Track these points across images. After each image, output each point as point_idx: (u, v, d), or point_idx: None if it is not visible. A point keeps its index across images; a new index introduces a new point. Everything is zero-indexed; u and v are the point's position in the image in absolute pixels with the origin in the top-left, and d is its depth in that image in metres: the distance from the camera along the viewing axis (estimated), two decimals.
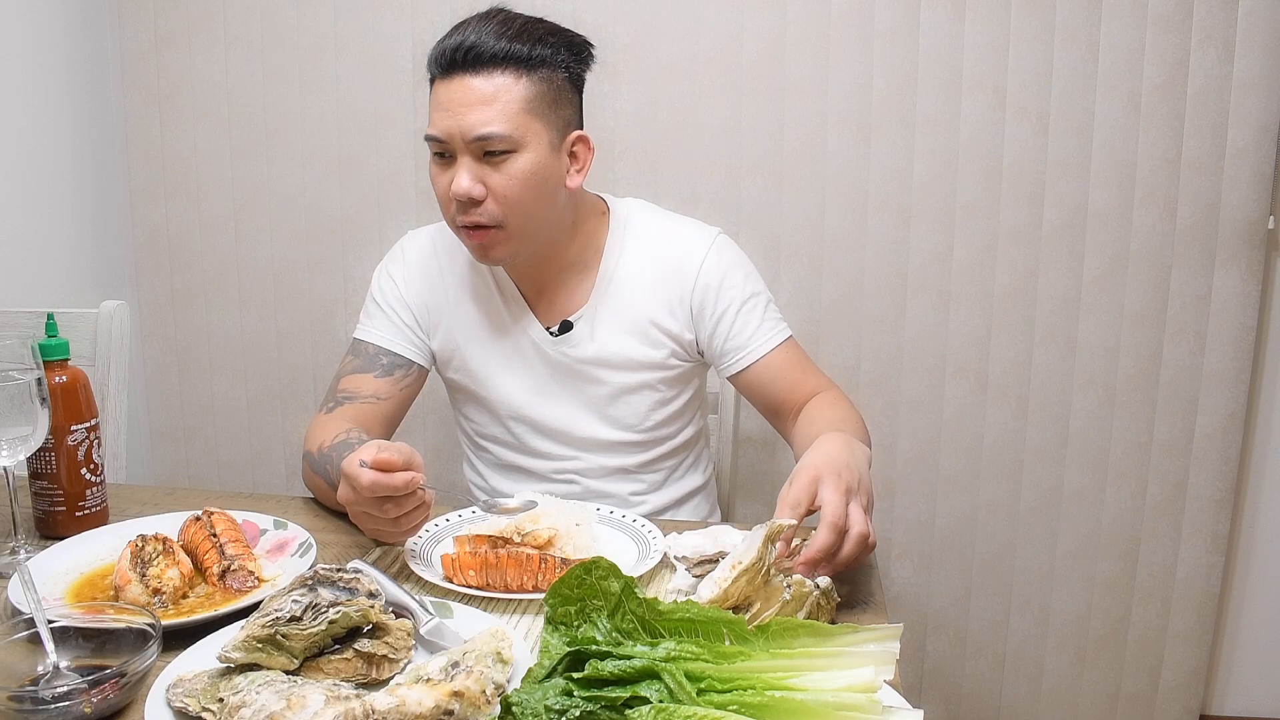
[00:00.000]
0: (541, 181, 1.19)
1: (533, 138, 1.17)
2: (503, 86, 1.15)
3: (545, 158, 1.19)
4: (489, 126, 1.14)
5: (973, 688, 2.03)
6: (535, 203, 1.20)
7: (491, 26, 1.15)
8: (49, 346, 1.11)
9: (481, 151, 1.16)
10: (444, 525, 1.13)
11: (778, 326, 1.32)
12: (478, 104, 1.14)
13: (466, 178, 1.15)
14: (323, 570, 0.89)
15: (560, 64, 1.19)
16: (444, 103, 1.16)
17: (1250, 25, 1.71)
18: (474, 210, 1.17)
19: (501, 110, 1.14)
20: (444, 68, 1.16)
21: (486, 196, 1.17)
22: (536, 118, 1.17)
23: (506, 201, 1.17)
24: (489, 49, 1.14)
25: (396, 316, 1.34)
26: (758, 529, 0.90)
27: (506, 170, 1.16)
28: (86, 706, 0.75)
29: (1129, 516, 1.91)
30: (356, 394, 1.29)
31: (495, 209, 1.17)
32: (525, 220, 1.20)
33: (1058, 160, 1.81)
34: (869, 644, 0.74)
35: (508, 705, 0.69)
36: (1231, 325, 1.82)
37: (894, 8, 1.79)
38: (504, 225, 1.19)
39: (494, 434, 1.38)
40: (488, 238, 1.19)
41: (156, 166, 2.03)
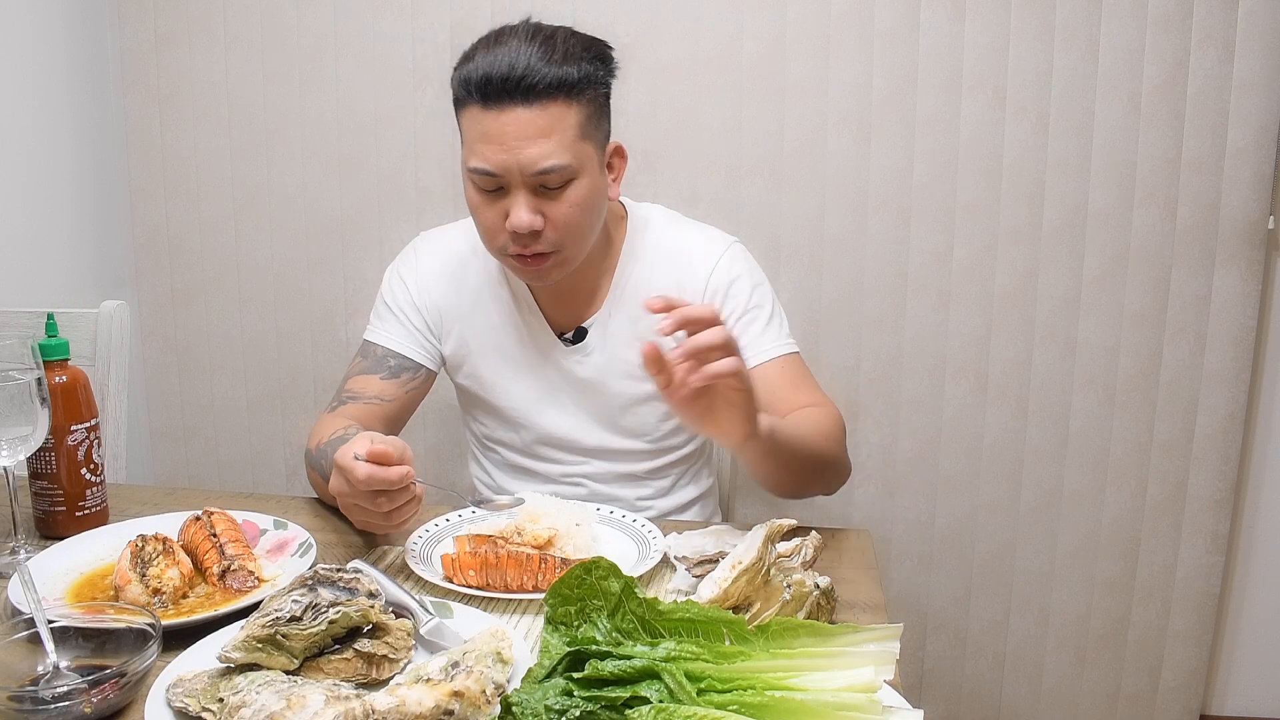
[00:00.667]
0: (596, 203, 1.18)
1: (587, 162, 1.15)
2: (558, 116, 1.10)
3: (597, 179, 1.17)
4: (550, 160, 1.10)
5: (973, 688, 2.03)
6: (591, 225, 1.19)
7: (535, 50, 1.09)
8: (49, 346, 1.11)
9: (539, 184, 1.12)
10: (444, 525, 1.13)
11: (779, 341, 1.28)
12: (536, 137, 1.09)
13: (526, 213, 1.12)
14: (323, 570, 0.89)
15: (600, 80, 1.16)
16: (495, 135, 1.10)
17: (1250, 25, 1.71)
18: (531, 241, 1.14)
19: (559, 141, 1.10)
20: (488, 96, 1.10)
21: (545, 227, 1.14)
22: (588, 141, 1.15)
23: (567, 229, 1.15)
24: (541, 78, 1.08)
25: (406, 319, 1.32)
26: (757, 529, 0.90)
27: (565, 199, 1.14)
28: (86, 706, 0.75)
29: (1129, 516, 1.91)
30: (361, 395, 1.29)
31: (553, 236, 1.15)
32: (580, 243, 1.19)
33: (1058, 160, 1.81)
34: (869, 644, 0.74)
35: (508, 705, 0.69)
36: (1231, 325, 1.82)
37: (894, 8, 1.79)
38: (560, 250, 1.17)
39: (503, 438, 1.38)
40: (543, 262, 1.17)
41: (156, 166, 2.03)
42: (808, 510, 1.96)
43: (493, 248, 1.20)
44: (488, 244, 1.20)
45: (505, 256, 1.19)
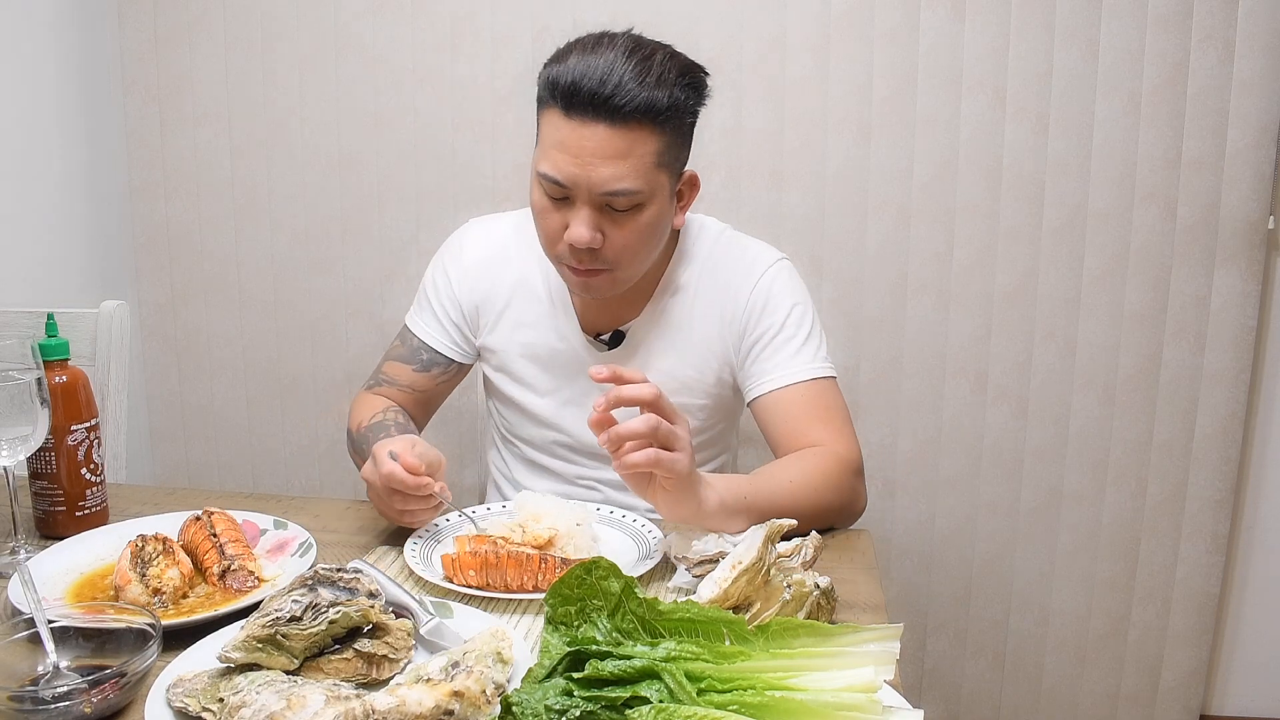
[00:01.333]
0: (659, 231, 1.17)
1: (659, 190, 1.13)
2: (638, 140, 1.08)
3: (664, 207, 1.16)
4: (622, 183, 1.08)
5: (973, 688, 2.03)
6: (650, 251, 1.19)
7: (630, 68, 1.07)
8: (49, 346, 1.11)
9: (605, 203, 1.11)
10: (445, 525, 1.13)
11: (811, 365, 1.24)
12: (613, 157, 1.07)
13: (586, 229, 1.10)
14: (323, 570, 0.89)
15: (689, 109, 1.14)
16: (570, 145, 1.08)
17: (1250, 25, 1.71)
18: (588, 257, 1.13)
19: (635, 166, 1.08)
20: (572, 106, 1.07)
21: (604, 244, 1.13)
22: (664, 170, 1.13)
23: (625, 251, 1.14)
24: (630, 98, 1.05)
25: (444, 313, 1.34)
26: (757, 529, 0.90)
27: (629, 224, 1.12)
28: (86, 706, 0.75)
29: (1129, 516, 1.91)
30: (395, 381, 1.35)
31: (610, 256, 1.14)
32: (637, 266, 1.18)
33: (1058, 160, 1.81)
34: (869, 644, 0.74)
35: (508, 705, 0.69)
36: (1231, 325, 1.82)
37: (894, 8, 1.79)
38: (615, 270, 1.16)
39: (525, 435, 1.38)
40: (596, 277, 1.16)
41: (156, 166, 2.03)
42: None
43: (550, 253, 1.19)
44: (546, 248, 1.19)
45: (561, 264, 1.19)
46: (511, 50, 1.88)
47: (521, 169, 1.89)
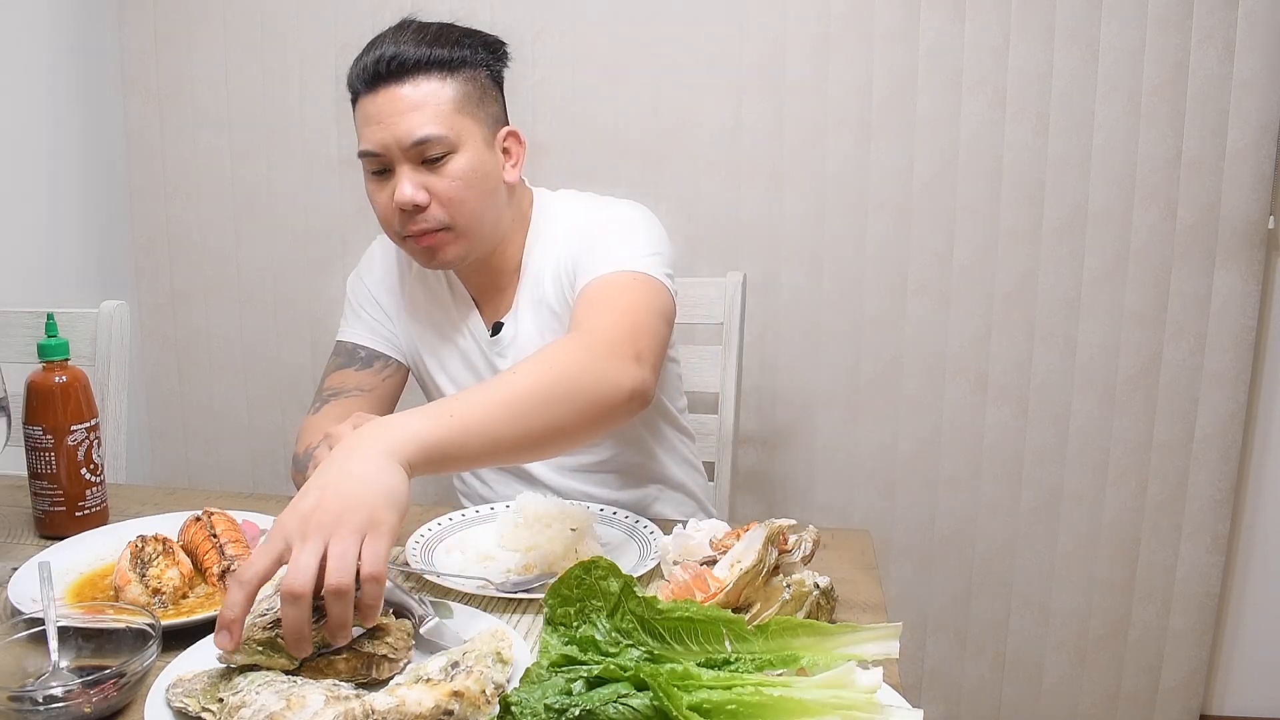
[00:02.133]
0: (482, 179, 1.20)
1: (467, 136, 1.18)
2: (430, 91, 1.16)
3: (482, 155, 1.20)
4: (424, 129, 1.15)
5: (973, 688, 2.03)
6: (479, 200, 1.20)
7: (408, 36, 1.17)
8: (49, 346, 1.11)
9: (420, 158, 1.16)
10: (445, 525, 1.13)
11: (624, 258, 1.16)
12: (409, 110, 1.15)
13: (409, 185, 1.16)
14: None
15: (480, 63, 1.21)
16: (374, 116, 1.16)
17: (1250, 25, 1.71)
18: (419, 218, 1.18)
19: (434, 113, 1.15)
20: (367, 82, 1.16)
21: (430, 202, 1.17)
22: (467, 116, 1.18)
23: (452, 203, 1.18)
24: (411, 56, 1.15)
25: (368, 314, 1.37)
26: (758, 529, 0.90)
27: (447, 172, 1.17)
28: (86, 706, 0.74)
29: (1129, 516, 1.91)
30: (341, 389, 1.32)
31: (440, 212, 1.18)
32: (471, 219, 1.20)
33: (1058, 160, 1.81)
34: (868, 644, 0.74)
35: (507, 705, 0.69)
36: (1231, 325, 1.82)
37: (894, 8, 1.79)
38: (451, 227, 1.19)
39: None
40: (435, 240, 1.19)
41: (156, 166, 2.03)
42: (807, 510, 1.96)
43: (392, 235, 1.23)
44: (387, 232, 1.24)
45: (405, 243, 1.22)
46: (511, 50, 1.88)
47: None
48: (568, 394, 0.97)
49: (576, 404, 0.98)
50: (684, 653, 0.77)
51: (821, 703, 0.67)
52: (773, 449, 1.97)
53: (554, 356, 1.00)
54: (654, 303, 1.14)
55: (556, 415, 0.96)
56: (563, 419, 0.96)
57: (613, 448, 1.35)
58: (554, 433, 0.96)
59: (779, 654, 0.75)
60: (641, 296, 1.14)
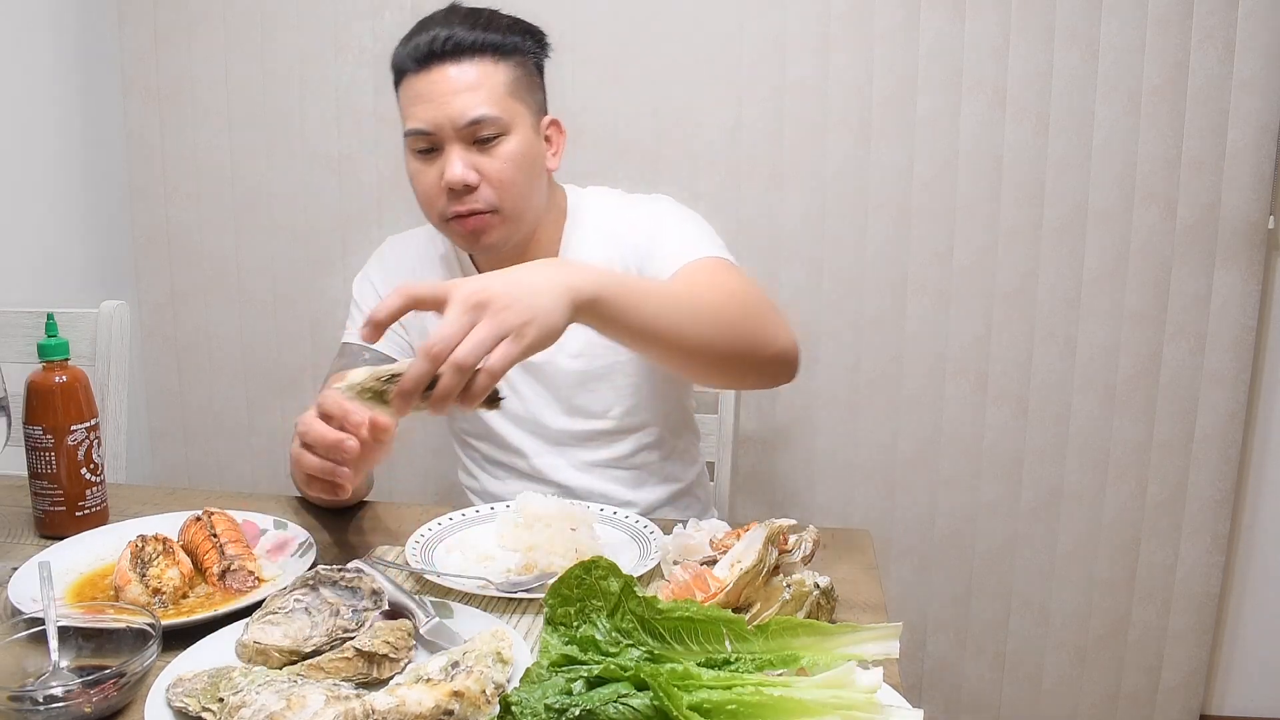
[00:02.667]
0: (530, 163, 1.21)
1: (519, 120, 1.19)
2: (485, 73, 1.17)
3: (530, 139, 1.21)
4: (479, 109, 1.15)
5: (973, 688, 2.03)
6: (526, 184, 1.21)
7: (458, 20, 1.18)
8: (49, 346, 1.11)
9: (472, 138, 1.17)
10: (446, 524, 1.13)
11: (703, 246, 1.21)
12: (464, 90, 1.15)
13: (459, 164, 1.16)
14: (324, 571, 0.89)
15: (528, 51, 1.22)
16: (425, 94, 1.17)
17: (1250, 25, 1.71)
18: (468, 198, 1.18)
19: (488, 94, 1.16)
20: (420, 60, 1.17)
21: (480, 183, 1.18)
22: (518, 100, 1.20)
23: (502, 185, 1.18)
24: (466, 38, 1.16)
25: None
26: (758, 529, 0.90)
27: (498, 154, 1.18)
28: (86, 706, 0.74)
29: (1129, 516, 1.91)
30: None
31: (490, 194, 1.18)
32: (518, 202, 1.21)
33: (1058, 160, 1.81)
34: (869, 644, 0.74)
35: (507, 704, 0.69)
36: (1231, 325, 1.82)
37: (894, 8, 1.79)
38: (499, 209, 1.20)
39: (476, 430, 1.38)
40: (482, 222, 1.20)
41: (156, 166, 2.03)
42: (806, 510, 1.96)
43: (434, 216, 1.23)
44: (429, 213, 1.24)
45: (447, 224, 1.22)
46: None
47: None
48: (742, 322, 1.05)
49: (746, 336, 1.05)
50: (684, 653, 0.77)
51: (821, 703, 0.67)
52: (773, 449, 1.97)
53: (734, 288, 1.08)
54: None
55: (725, 335, 1.03)
56: (728, 342, 1.03)
57: (634, 444, 1.35)
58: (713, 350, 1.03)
59: (779, 654, 0.75)
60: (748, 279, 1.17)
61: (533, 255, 1.29)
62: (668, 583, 0.91)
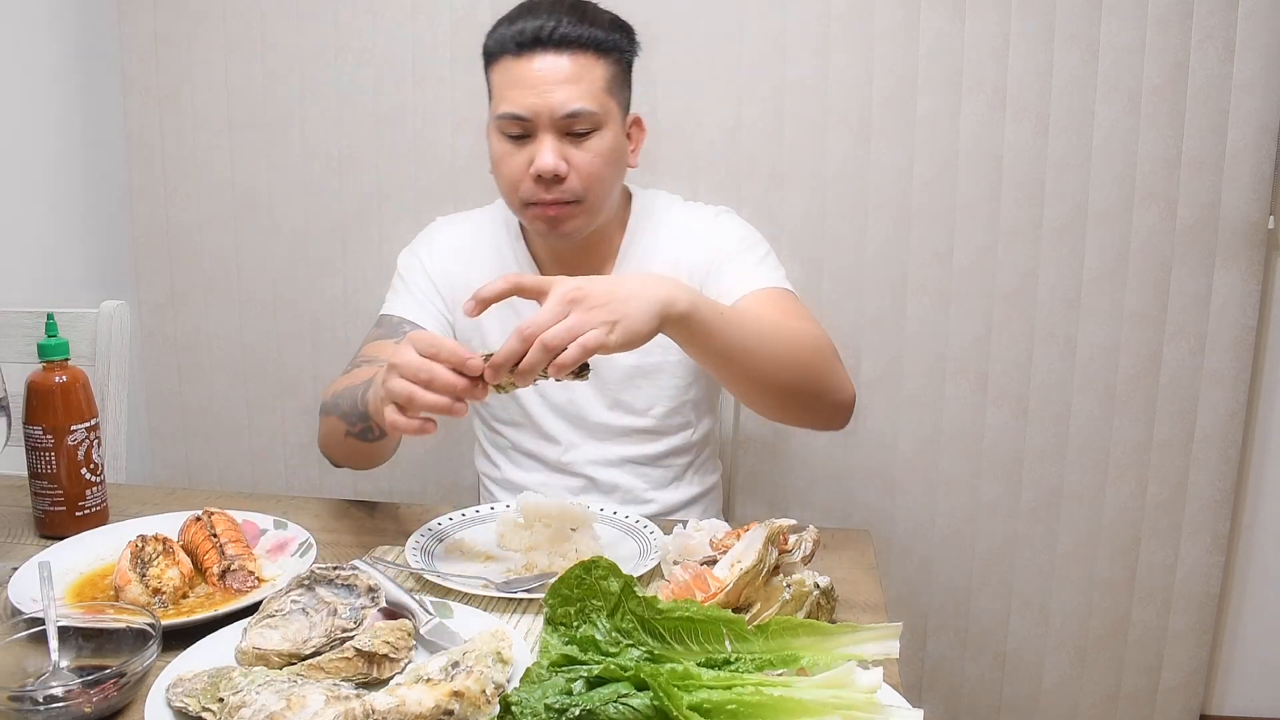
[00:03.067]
0: (617, 158, 1.25)
1: (611, 115, 1.23)
2: (586, 67, 1.19)
3: (619, 135, 1.25)
4: (579, 102, 1.18)
5: (973, 688, 2.03)
6: (612, 179, 1.25)
7: (564, 11, 1.19)
8: (49, 346, 1.11)
9: (566, 129, 1.19)
10: (446, 524, 1.13)
11: (768, 277, 1.28)
12: (566, 82, 1.18)
13: (552, 154, 1.18)
14: (319, 570, 0.89)
15: (624, 49, 1.26)
16: (525, 80, 1.18)
17: (1250, 25, 1.71)
18: (555, 188, 1.20)
19: (589, 88, 1.19)
20: (523, 46, 1.18)
21: (569, 174, 1.20)
22: (612, 97, 1.23)
23: (590, 178, 1.21)
24: (572, 32, 1.18)
25: (420, 292, 1.36)
26: (758, 529, 0.90)
27: (589, 147, 1.21)
28: (86, 706, 0.75)
29: (1129, 516, 1.91)
30: (376, 358, 1.29)
31: (577, 185, 1.21)
32: (601, 196, 1.24)
33: (1058, 160, 1.81)
34: (869, 644, 0.74)
35: (507, 704, 0.69)
36: (1231, 325, 1.82)
37: (894, 8, 1.79)
38: (582, 200, 1.22)
39: (510, 416, 1.39)
40: (564, 211, 1.22)
41: (156, 166, 2.03)
42: (806, 510, 1.96)
43: (515, 201, 1.24)
44: (510, 197, 1.25)
45: (527, 209, 1.24)
46: None
47: None
48: (812, 364, 1.12)
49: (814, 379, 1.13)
50: (684, 653, 0.77)
51: (821, 703, 0.67)
52: (773, 449, 1.97)
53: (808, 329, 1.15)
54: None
55: (796, 374, 1.11)
56: (798, 381, 1.11)
57: (668, 445, 1.37)
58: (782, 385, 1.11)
59: (779, 654, 0.75)
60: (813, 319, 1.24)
61: (596, 248, 1.32)
62: (668, 583, 0.91)
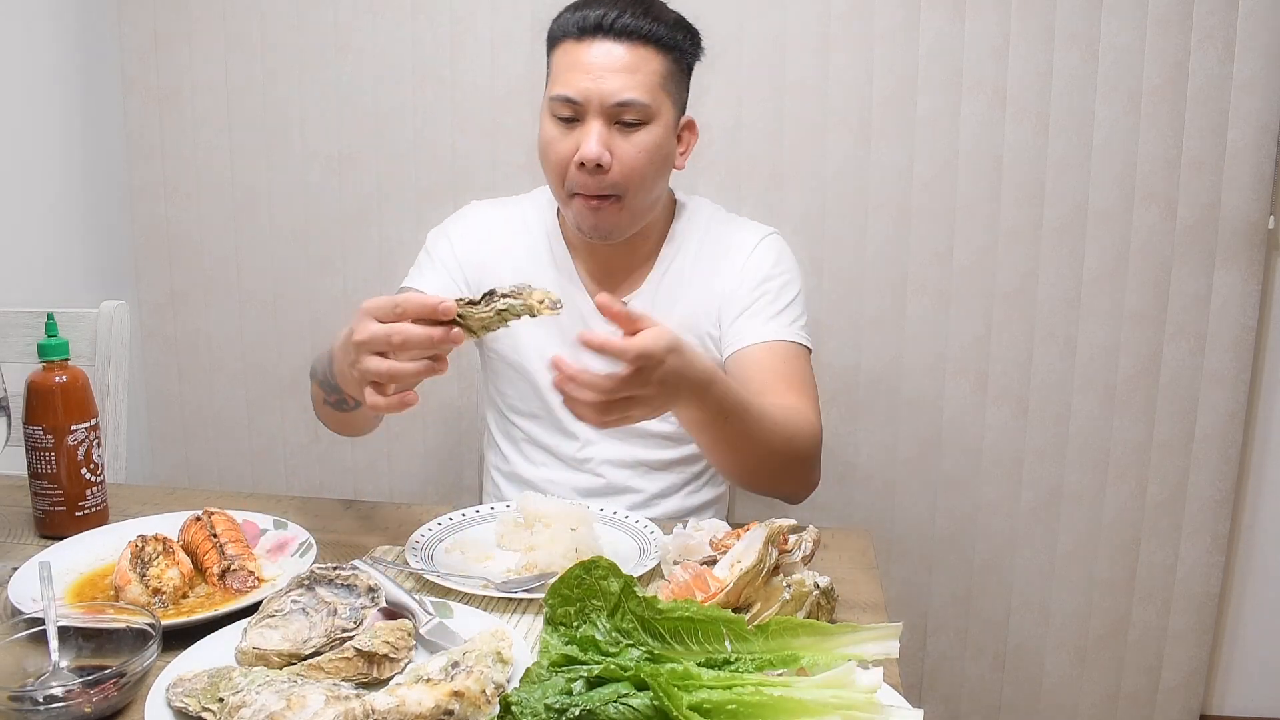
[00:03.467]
0: (663, 157, 1.23)
1: (663, 112, 1.21)
2: (644, 58, 1.18)
3: (668, 133, 1.23)
4: (631, 92, 1.17)
5: (973, 688, 2.03)
6: (655, 177, 1.23)
7: (629, 3, 1.19)
8: (49, 346, 1.11)
9: (615, 118, 1.18)
10: (446, 524, 1.13)
11: (786, 329, 1.28)
12: (622, 70, 1.17)
13: (596, 143, 1.17)
14: (319, 570, 0.89)
15: (685, 49, 1.25)
16: (583, 64, 1.18)
17: (1250, 25, 1.71)
18: (597, 179, 1.19)
19: (644, 80, 1.18)
20: (586, 31, 1.18)
21: (612, 166, 1.18)
22: (667, 94, 1.22)
23: (631, 172, 1.20)
24: (634, 24, 1.18)
25: (445, 270, 1.34)
26: (758, 529, 0.90)
27: (636, 141, 1.19)
28: (86, 706, 0.74)
29: (1129, 516, 1.91)
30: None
31: (619, 178, 1.19)
32: (642, 194, 1.23)
33: (1058, 160, 1.81)
34: (869, 643, 0.74)
35: (507, 704, 0.69)
36: (1231, 325, 1.82)
37: (894, 8, 1.79)
38: (623, 196, 1.21)
39: (528, 408, 1.37)
40: (605, 205, 1.21)
41: (156, 166, 2.03)
42: (806, 510, 1.96)
43: (560, 189, 1.24)
44: (555, 184, 1.24)
45: (572, 199, 1.23)
46: (511, 50, 1.88)
47: (522, 169, 1.89)
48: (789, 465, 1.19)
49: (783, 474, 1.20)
50: (684, 653, 0.77)
51: (821, 703, 0.67)
52: None
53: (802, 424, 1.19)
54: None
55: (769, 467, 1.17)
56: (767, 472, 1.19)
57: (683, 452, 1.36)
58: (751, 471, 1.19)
59: (779, 654, 0.75)
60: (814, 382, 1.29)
61: (634, 250, 1.31)
62: (668, 583, 0.91)
